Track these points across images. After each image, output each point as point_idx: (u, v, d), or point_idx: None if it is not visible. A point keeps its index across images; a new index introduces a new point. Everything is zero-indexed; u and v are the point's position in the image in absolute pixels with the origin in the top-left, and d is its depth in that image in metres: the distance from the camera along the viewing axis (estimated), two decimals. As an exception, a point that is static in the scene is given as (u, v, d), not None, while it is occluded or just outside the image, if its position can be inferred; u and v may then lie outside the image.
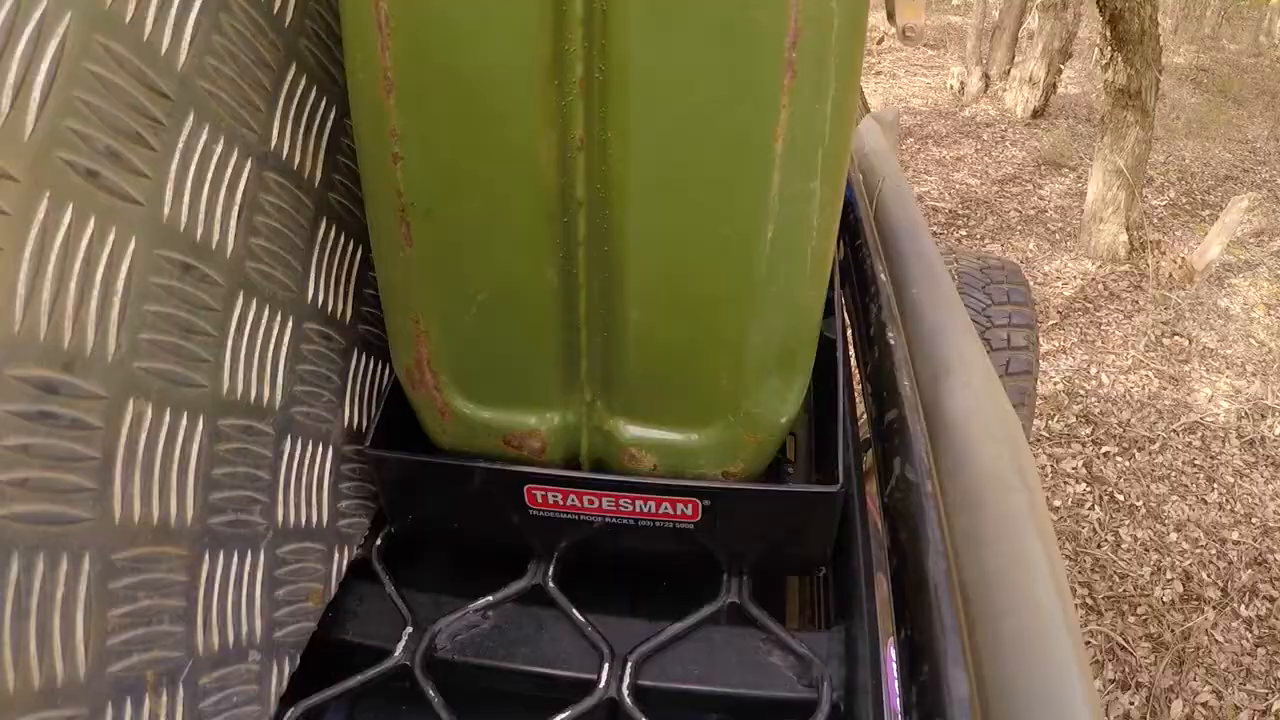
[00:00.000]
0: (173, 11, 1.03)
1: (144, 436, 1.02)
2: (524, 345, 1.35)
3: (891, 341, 1.52)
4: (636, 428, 1.40)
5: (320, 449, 1.43)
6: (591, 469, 1.46)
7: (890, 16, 1.86)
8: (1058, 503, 5.45)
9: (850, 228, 2.03)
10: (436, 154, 1.20)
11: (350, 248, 1.50)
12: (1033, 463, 1.33)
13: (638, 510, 1.40)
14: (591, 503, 1.41)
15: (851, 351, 1.82)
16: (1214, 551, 5.26)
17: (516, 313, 1.31)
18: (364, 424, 1.57)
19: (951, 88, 14.51)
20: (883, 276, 1.72)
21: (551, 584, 1.48)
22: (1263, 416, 6.55)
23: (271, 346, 1.28)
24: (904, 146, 11.60)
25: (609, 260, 1.24)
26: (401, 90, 1.16)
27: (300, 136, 1.33)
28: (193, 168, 1.08)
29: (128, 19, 0.96)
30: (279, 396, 1.30)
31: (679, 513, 1.39)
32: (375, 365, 1.61)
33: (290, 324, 1.32)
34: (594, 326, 1.32)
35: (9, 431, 0.84)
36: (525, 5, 1.08)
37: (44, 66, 0.85)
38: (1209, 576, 5.10)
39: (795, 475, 1.67)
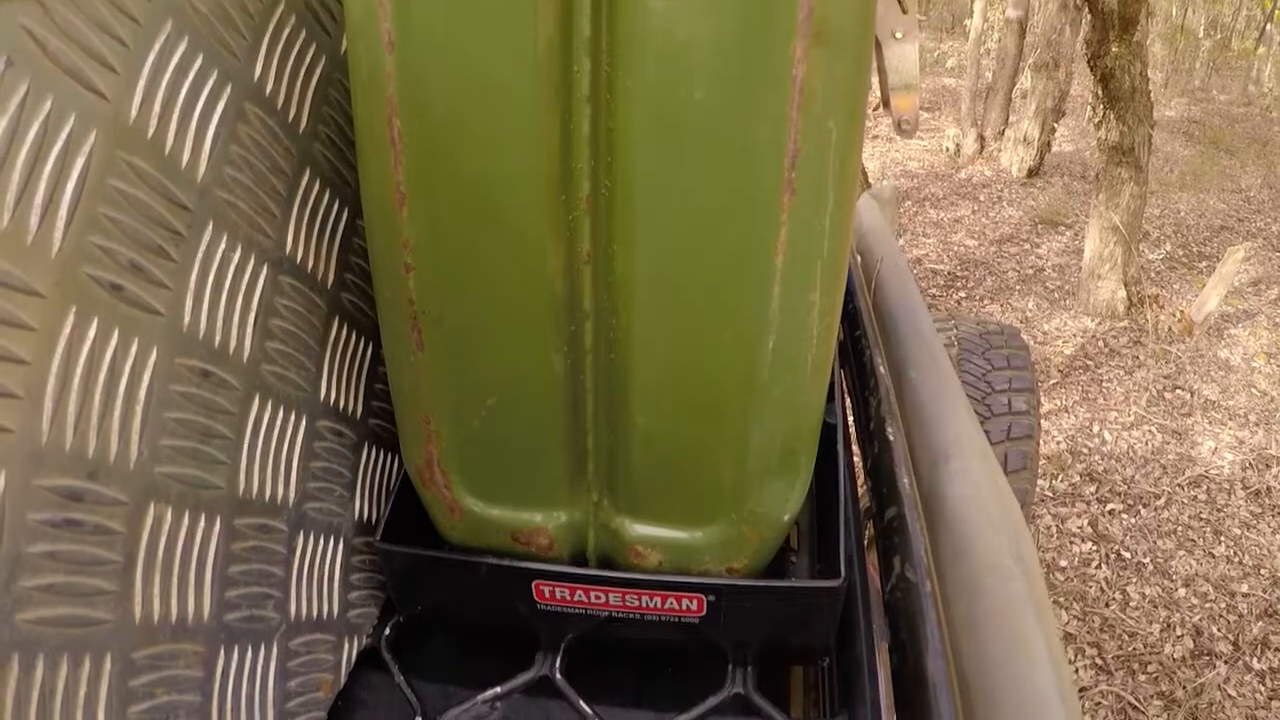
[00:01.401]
0: (193, 124, 1.08)
1: (163, 539, 1.05)
2: (532, 447, 1.39)
3: (891, 437, 1.55)
4: (642, 526, 1.43)
5: (332, 542, 1.46)
6: (598, 565, 1.50)
7: (885, 104, 1.91)
8: (1064, 562, 5.43)
9: (849, 316, 2.06)
10: (448, 264, 1.25)
11: (361, 345, 1.54)
12: (1032, 547, 1.35)
13: (644, 605, 1.43)
14: (598, 598, 1.44)
15: (853, 430, 1.86)
16: (1224, 605, 5.23)
17: (525, 415, 1.36)
18: (374, 516, 1.60)
19: (947, 150, 14.54)
20: (881, 369, 1.76)
21: (559, 675, 1.50)
22: (1267, 466, 6.53)
23: (286, 446, 1.32)
24: (902, 209, 11.61)
25: (615, 366, 1.29)
26: (414, 203, 1.21)
27: (314, 240, 1.38)
28: (211, 276, 1.13)
29: (150, 134, 1.01)
30: (292, 493, 1.34)
31: (684, 608, 1.42)
32: (386, 458, 1.65)
33: (304, 423, 1.37)
34: (601, 429, 1.36)
35: (36, 539, 0.87)
36: (534, 124, 1.13)
37: (70, 185, 0.90)
38: (1219, 631, 5.07)
39: (798, 564, 1.69)
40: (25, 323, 0.85)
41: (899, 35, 1.77)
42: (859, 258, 2.45)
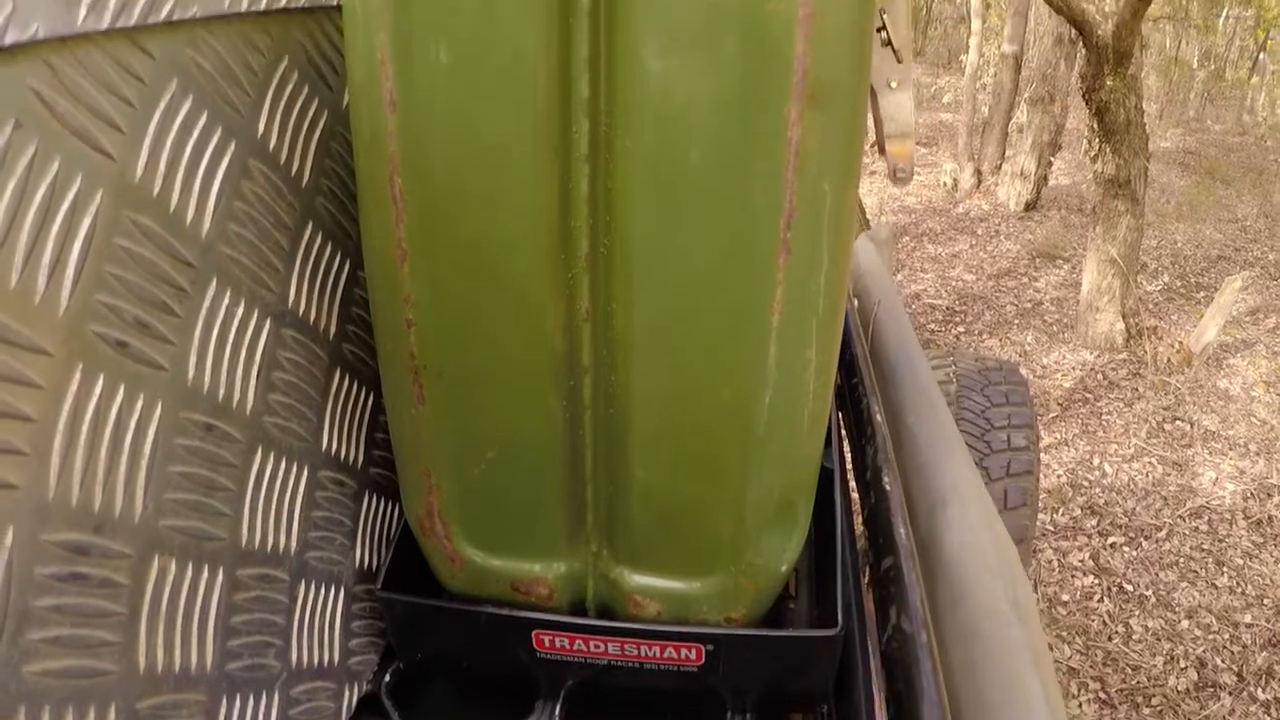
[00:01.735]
0: (197, 181, 1.10)
1: (167, 591, 1.07)
2: (532, 498, 1.40)
3: (887, 486, 1.56)
4: (641, 576, 1.44)
5: (333, 591, 1.47)
6: (597, 615, 1.51)
7: (881, 150, 1.93)
8: (1066, 596, 5.41)
9: (846, 363, 2.08)
10: (448, 320, 1.27)
11: (362, 395, 1.56)
12: (1029, 592, 1.36)
13: (642, 654, 1.44)
14: (598, 647, 1.45)
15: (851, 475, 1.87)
16: (1227, 636, 5.22)
17: (525, 468, 1.37)
18: (375, 564, 1.61)
19: (945, 185, 14.56)
20: (878, 417, 1.76)
21: None
22: (1269, 495, 6.52)
23: (288, 497, 1.33)
24: (900, 245, 11.63)
25: (614, 421, 1.31)
26: (415, 260, 1.23)
27: (316, 292, 1.40)
28: (215, 331, 1.15)
29: (155, 192, 1.03)
30: (294, 543, 1.35)
31: (683, 657, 1.43)
32: (386, 506, 1.66)
33: (305, 473, 1.38)
34: (600, 481, 1.38)
35: (43, 593, 0.89)
36: (534, 183, 1.16)
37: (77, 245, 0.91)
38: (1223, 662, 5.05)
39: (797, 611, 1.70)
40: (32, 380, 0.87)
41: (894, 85, 1.79)
42: (856, 301, 2.46)
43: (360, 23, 1.16)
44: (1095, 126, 7.78)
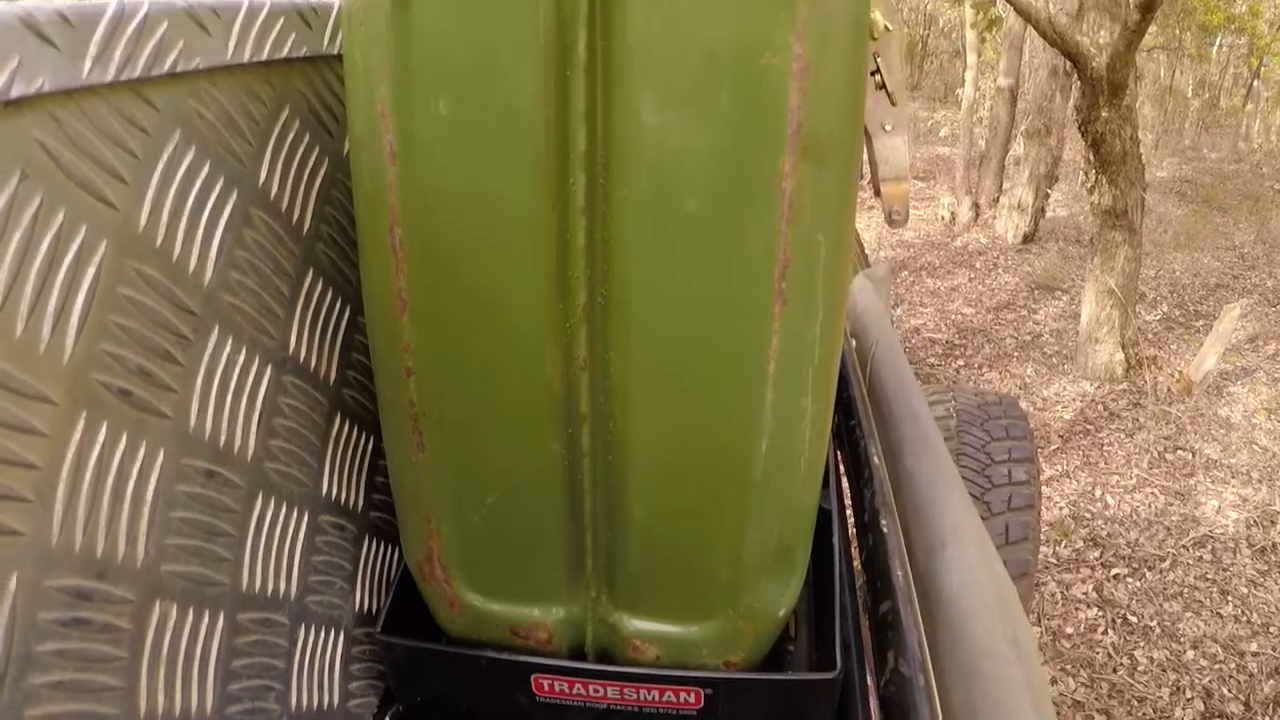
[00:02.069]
0: (200, 231, 1.12)
1: (168, 635, 1.08)
2: (532, 544, 1.42)
3: (885, 529, 1.56)
4: (640, 621, 1.45)
5: (333, 634, 1.48)
6: (597, 659, 1.51)
7: (876, 192, 1.94)
8: (1070, 629, 5.39)
9: (844, 404, 2.09)
10: (448, 368, 1.29)
11: (362, 439, 1.57)
12: (1029, 631, 1.36)
13: (641, 699, 1.44)
14: (597, 691, 1.45)
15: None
16: (1233, 665, 5.19)
17: (524, 514, 1.39)
18: (374, 607, 1.62)
19: (943, 218, 14.59)
20: (876, 459, 1.77)
21: None
22: (1272, 523, 6.48)
23: (288, 541, 1.35)
24: (899, 279, 11.64)
25: (613, 467, 1.32)
26: (414, 310, 1.25)
27: (316, 338, 1.42)
28: (217, 379, 1.16)
29: (159, 242, 1.04)
30: (294, 587, 1.37)
31: (682, 701, 1.44)
32: (386, 550, 1.67)
33: (306, 518, 1.40)
34: (598, 527, 1.39)
35: (46, 638, 0.90)
36: (532, 234, 1.18)
37: (81, 295, 0.93)
38: (1230, 692, 5.02)
39: (796, 652, 1.70)
40: (37, 429, 0.88)
41: (888, 128, 1.81)
42: (854, 341, 2.47)
43: (361, 76, 1.18)
44: (1091, 158, 7.80)
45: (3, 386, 0.85)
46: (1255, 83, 25.44)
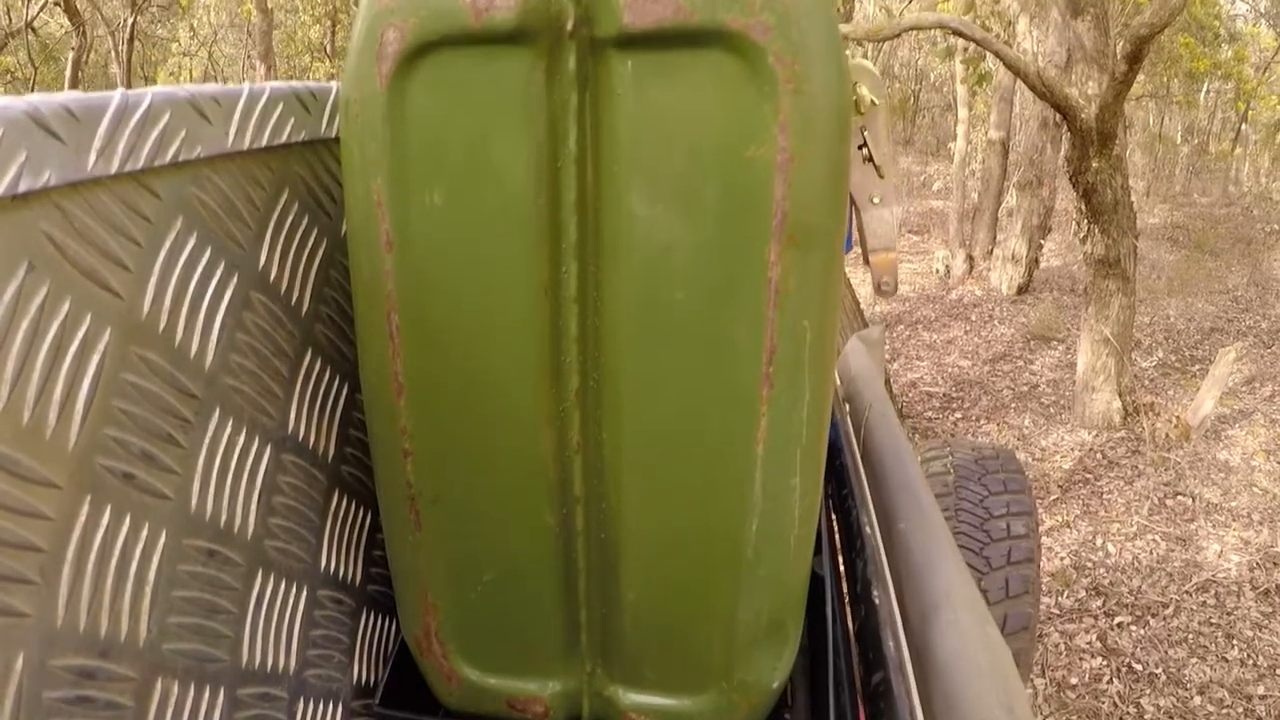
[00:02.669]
0: (201, 315, 1.14)
1: (170, 712, 1.10)
2: (528, 619, 1.43)
3: (877, 600, 1.57)
4: (635, 694, 1.47)
5: (331, 707, 1.50)
6: None
7: (866, 262, 1.96)
8: (1074, 680, 5.35)
9: (836, 472, 2.10)
10: (444, 450, 1.32)
11: (360, 514, 1.59)
12: (1024, 696, 1.37)
13: None
14: None
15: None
16: (1241, 710, 5.14)
17: (520, 591, 1.41)
18: (372, 679, 1.64)
19: (937, 271, 14.64)
20: (868, 529, 1.78)
21: None
22: (1275, 564, 6.46)
23: (287, 617, 1.36)
24: (895, 334, 11.66)
25: (606, 545, 1.35)
26: (411, 393, 1.28)
27: (315, 417, 1.44)
28: (218, 460, 1.18)
29: (161, 328, 1.06)
30: (293, 662, 1.38)
31: None
32: (383, 622, 1.68)
33: (304, 593, 1.41)
34: (593, 603, 1.41)
35: (50, 716, 0.91)
36: (526, 322, 1.21)
37: (86, 381, 0.95)
38: (1237, 737, 5.04)
39: (794, 719, 1.71)
40: (42, 513, 0.90)
41: (876, 200, 1.84)
42: (847, 405, 2.48)
43: (357, 166, 1.21)
44: (1083, 208, 7.85)
45: (9, 472, 0.86)
46: (1243, 126, 25.57)
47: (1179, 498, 7.44)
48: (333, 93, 1.45)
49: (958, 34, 7.76)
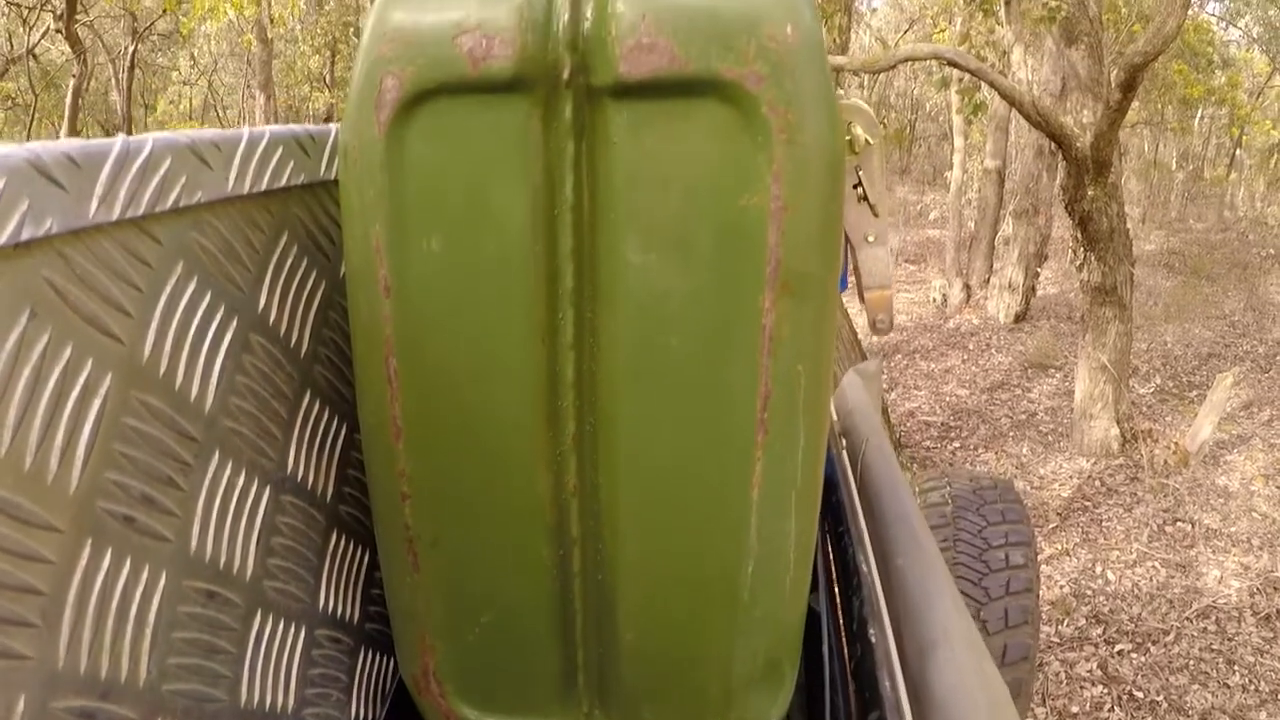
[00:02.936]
0: (201, 359, 1.14)
1: None
2: (525, 660, 1.44)
3: (873, 639, 1.56)
4: None
5: None
6: None
7: (861, 298, 1.97)
8: (1075, 709, 5.32)
9: (833, 509, 2.10)
10: (442, 493, 1.33)
11: (358, 553, 1.59)
12: None
13: None
14: None
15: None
16: None
17: (518, 632, 1.42)
18: (371, 718, 1.64)
19: (934, 300, 14.66)
20: (864, 567, 1.78)
21: None
22: (1275, 589, 6.44)
23: (285, 656, 1.36)
24: (893, 363, 11.68)
25: (603, 587, 1.36)
26: (410, 436, 1.29)
27: (314, 457, 1.44)
28: (217, 502, 1.18)
29: (161, 372, 1.07)
30: (292, 701, 1.38)
31: None
32: (381, 661, 1.68)
33: (303, 633, 1.41)
34: (590, 644, 1.42)
35: None
36: (523, 367, 1.23)
37: (87, 427, 0.95)
38: (1241, 763, 5.02)
39: None
40: (44, 556, 0.90)
41: (871, 239, 1.85)
42: (844, 440, 2.49)
43: (356, 211, 1.23)
44: (1079, 236, 7.86)
45: (11, 517, 0.87)
46: (1238, 151, 25.65)
47: (1178, 524, 7.43)
48: (331, 135, 1.47)
49: (953, 64, 7.78)
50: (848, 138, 1.72)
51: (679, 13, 1.12)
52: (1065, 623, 6.16)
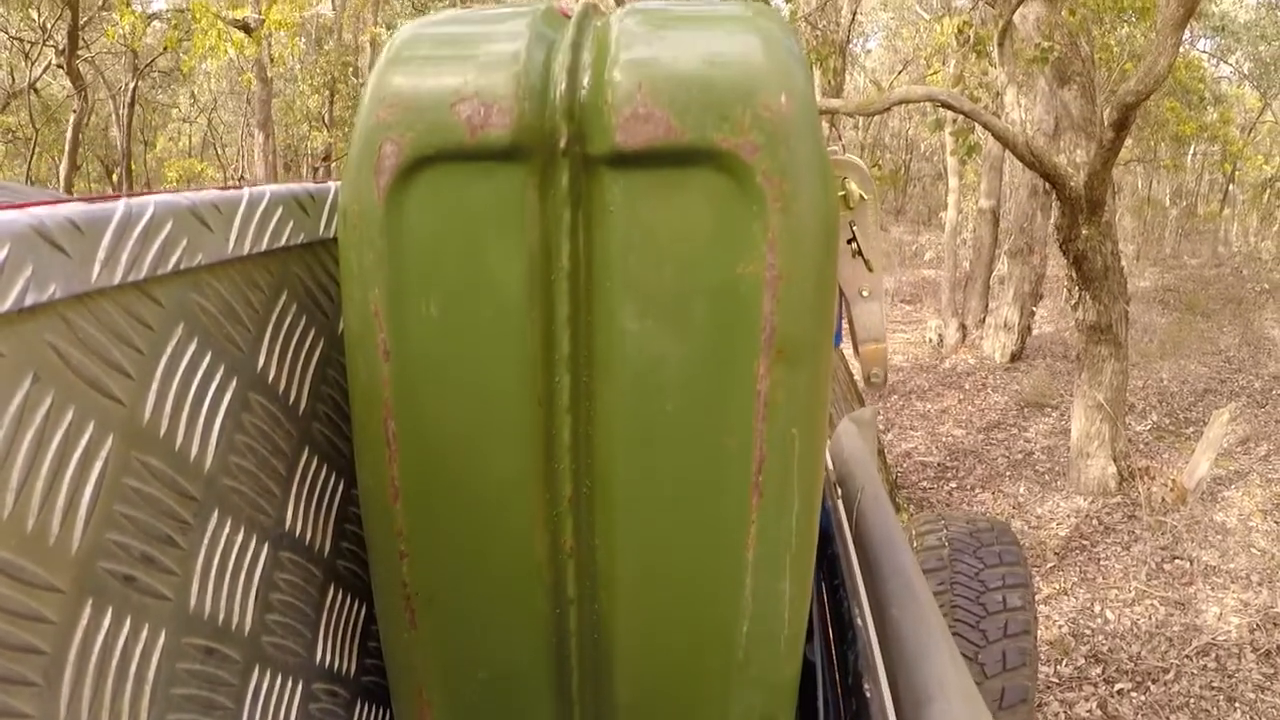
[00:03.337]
0: (201, 419, 1.15)
1: None
2: (522, 717, 1.45)
3: (868, 693, 1.56)
4: None
5: None
6: None
7: (855, 351, 1.98)
8: None
9: (828, 561, 2.11)
10: (440, 552, 1.34)
11: (355, 607, 1.60)
12: None
13: None
14: None
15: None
16: None
17: (515, 689, 1.42)
18: None
19: (930, 340, 14.69)
20: (859, 621, 1.77)
21: None
22: (1275, 625, 6.42)
23: (283, 711, 1.36)
24: (889, 403, 11.68)
25: (599, 646, 1.37)
26: (408, 497, 1.30)
27: (312, 513, 1.45)
28: (216, 560, 1.19)
29: (162, 433, 1.08)
30: None
31: None
32: (378, 715, 1.68)
33: (300, 687, 1.42)
34: (586, 703, 1.43)
35: None
36: (520, 430, 1.24)
37: (89, 488, 0.96)
38: (1245, 801, 4.99)
39: None
40: (45, 617, 0.91)
41: (865, 293, 1.86)
42: (839, 489, 2.49)
43: (355, 275, 1.24)
44: (1074, 275, 7.88)
45: (13, 578, 0.87)
46: (1231, 187, 25.73)
47: (1177, 561, 7.41)
48: (330, 194, 1.47)
49: (947, 106, 7.82)
50: (842, 193, 1.75)
51: (675, 82, 1.14)
52: (1064, 662, 6.14)
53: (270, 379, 1.33)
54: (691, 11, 1.26)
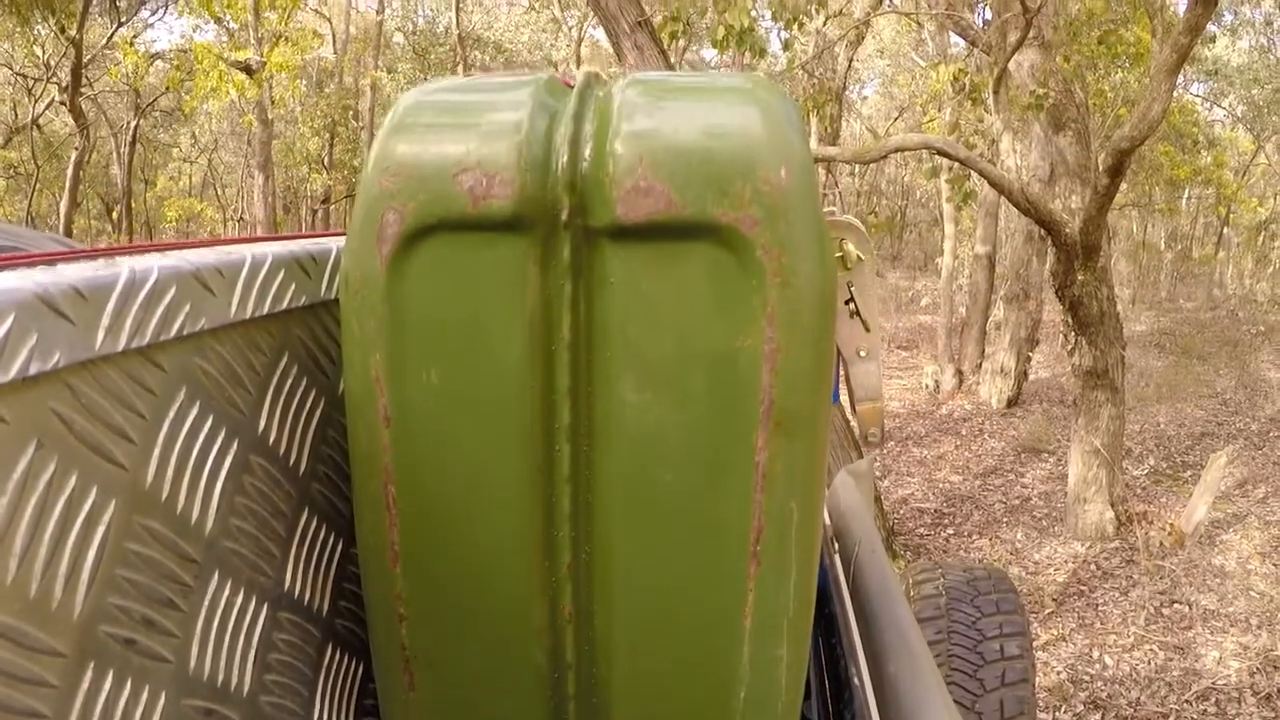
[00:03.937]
0: (202, 482, 1.15)
1: None
2: None
3: None
4: None
5: None
6: None
7: (852, 410, 1.99)
8: None
9: (826, 620, 2.12)
10: (439, 616, 1.34)
11: (352, 667, 1.60)
12: None
13: None
14: None
15: None
16: None
17: None
18: None
19: (927, 386, 14.72)
20: (856, 680, 1.78)
21: None
22: (1275, 668, 6.40)
23: None
24: (886, 450, 11.67)
25: (597, 711, 1.37)
26: (407, 561, 1.30)
27: (311, 574, 1.45)
28: (216, 621, 1.19)
29: (164, 497, 1.08)
30: None
31: None
32: None
33: None
34: None
35: None
36: (520, 499, 1.24)
37: (91, 553, 0.96)
38: (1248, 846, 4.97)
39: None
40: (47, 681, 0.91)
41: (862, 354, 1.88)
42: (837, 544, 2.50)
43: (357, 341, 1.25)
44: (1070, 320, 7.91)
45: (16, 643, 0.87)
46: (1225, 230, 25.81)
47: (1175, 606, 7.40)
48: (332, 254, 1.48)
49: (942, 154, 7.86)
50: (839, 254, 1.76)
51: (675, 155, 1.15)
52: (1063, 709, 6.12)
53: (271, 441, 1.33)
54: (692, 83, 1.28)
